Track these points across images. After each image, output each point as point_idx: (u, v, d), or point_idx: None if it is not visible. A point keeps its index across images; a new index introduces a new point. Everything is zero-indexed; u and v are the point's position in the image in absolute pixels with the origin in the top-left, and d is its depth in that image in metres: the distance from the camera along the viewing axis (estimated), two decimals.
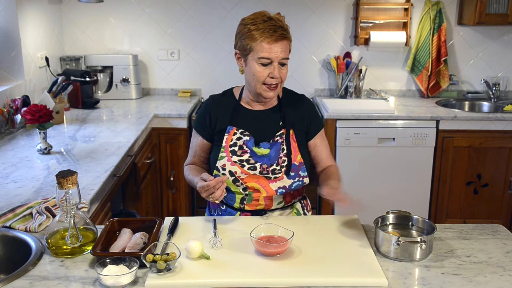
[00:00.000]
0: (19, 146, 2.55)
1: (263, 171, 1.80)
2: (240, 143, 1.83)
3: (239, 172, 1.81)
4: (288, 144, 1.83)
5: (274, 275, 1.37)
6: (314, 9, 3.83)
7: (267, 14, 1.77)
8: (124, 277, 1.31)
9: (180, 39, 3.91)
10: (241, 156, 1.82)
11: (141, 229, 1.59)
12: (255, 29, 1.73)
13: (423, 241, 1.43)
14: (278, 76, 1.76)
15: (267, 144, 1.83)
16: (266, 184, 1.82)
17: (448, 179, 3.50)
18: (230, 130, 1.85)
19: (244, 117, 1.87)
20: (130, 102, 3.74)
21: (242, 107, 1.89)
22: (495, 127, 3.41)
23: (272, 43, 1.72)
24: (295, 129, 1.87)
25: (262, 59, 1.74)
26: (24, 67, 3.12)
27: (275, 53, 1.73)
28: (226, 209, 1.90)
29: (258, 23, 1.73)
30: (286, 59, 1.76)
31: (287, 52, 1.76)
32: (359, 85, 3.85)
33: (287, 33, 1.76)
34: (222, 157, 1.82)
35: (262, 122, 1.87)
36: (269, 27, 1.72)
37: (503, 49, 3.91)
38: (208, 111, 1.91)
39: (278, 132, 1.85)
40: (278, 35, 1.72)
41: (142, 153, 2.95)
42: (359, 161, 3.45)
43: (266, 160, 1.81)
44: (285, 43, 1.75)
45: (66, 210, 1.47)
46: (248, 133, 1.84)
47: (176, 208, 3.52)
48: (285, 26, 1.77)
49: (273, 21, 1.74)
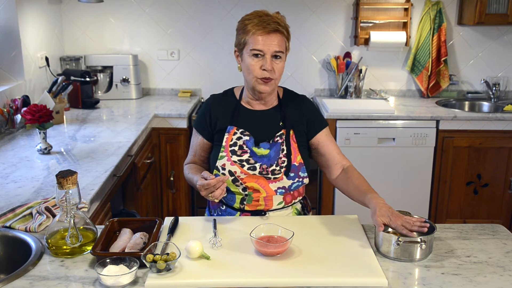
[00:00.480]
0: (19, 146, 2.55)
1: (262, 171, 1.80)
2: (240, 143, 1.83)
3: (238, 172, 1.80)
4: (288, 145, 1.83)
5: (274, 275, 1.37)
6: (314, 9, 3.83)
7: (265, 12, 1.78)
8: (124, 277, 1.31)
9: (180, 39, 3.91)
10: (241, 156, 1.81)
11: (141, 229, 1.59)
12: (250, 23, 1.75)
13: (423, 241, 1.43)
14: (271, 69, 1.75)
15: (267, 144, 1.83)
16: (265, 184, 1.82)
17: (448, 179, 3.50)
18: (230, 130, 1.84)
19: (244, 117, 1.87)
20: (130, 102, 3.74)
21: (242, 106, 1.89)
22: (495, 127, 3.41)
23: (265, 35, 1.72)
24: (295, 129, 1.87)
25: (254, 51, 1.74)
26: (24, 67, 3.12)
27: (267, 45, 1.73)
28: (226, 209, 1.90)
29: (253, 18, 1.76)
30: (280, 53, 1.75)
31: (282, 46, 1.75)
32: (359, 85, 3.85)
33: (283, 28, 1.75)
34: (222, 157, 1.82)
35: (262, 122, 1.87)
36: (263, 20, 1.73)
37: (503, 49, 3.91)
38: (208, 111, 1.91)
39: (278, 132, 1.85)
40: (271, 28, 1.72)
41: (142, 153, 2.95)
42: (359, 161, 3.44)
43: (265, 160, 1.81)
44: (279, 36, 1.74)
45: (66, 210, 1.47)
46: (248, 133, 1.84)
47: (176, 208, 3.52)
48: (283, 23, 1.77)
49: (269, 16, 1.75)
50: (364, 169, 3.46)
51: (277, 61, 1.76)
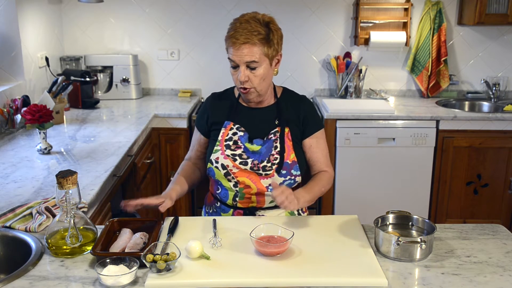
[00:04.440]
0: (19, 146, 2.55)
1: (253, 167, 1.83)
2: (235, 138, 1.87)
3: (230, 166, 1.84)
4: (282, 142, 1.85)
5: (274, 275, 1.37)
6: (314, 9, 3.83)
7: (246, 18, 1.76)
8: (124, 277, 1.31)
9: (180, 39, 3.91)
10: (234, 150, 1.85)
11: (141, 229, 1.59)
12: (228, 32, 1.77)
13: (423, 241, 1.43)
14: (245, 79, 1.77)
15: (260, 141, 1.86)
16: (257, 180, 1.84)
17: (448, 179, 3.50)
18: (227, 125, 1.89)
19: (241, 113, 1.92)
20: (130, 102, 3.74)
21: (240, 104, 1.94)
22: (495, 127, 3.41)
23: (238, 46, 1.74)
24: (291, 127, 1.88)
25: (230, 62, 1.79)
26: (24, 67, 3.12)
27: (239, 56, 1.75)
28: (220, 206, 1.93)
29: (231, 28, 1.77)
30: (253, 63, 1.75)
31: (255, 56, 1.73)
32: (359, 85, 3.85)
33: (256, 37, 1.72)
34: (217, 151, 1.87)
35: (258, 119, 1.90)
36: (237, 31, 1.73)
37: (503, 49, 3.91)
38: (208, 108, 1.97)
39: (273, 130, 1.87)
40: (241, 41, 1.72)
41: (142, 153, 2.95)
42: (359, 161, 3.45)
43: (257, 156, 1.84)
44: (251, 47, 1.73)
45: (66, 210, 1.47)
46: (244, 129, 1.88)
47: (176, 208, 3.51)
48: (261, 30, 1.74)
49: (247, 24, 1.73)
50: (364, 169, 3.49)
51: (253, 71, 1.77)
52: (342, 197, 3.51)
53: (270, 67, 1.81)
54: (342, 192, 3.49)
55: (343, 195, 3.50)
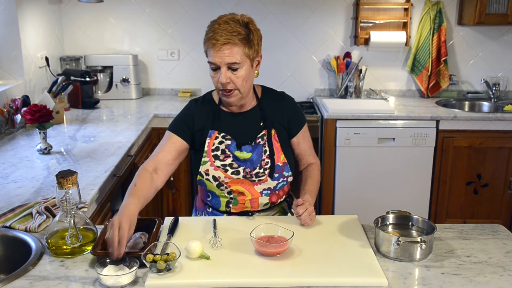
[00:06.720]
0: (19, 146, 2.55)
1: (246, 175, 1.80)
2: (222, 147, 1.82)
3: (222, 177, 1.80)
4: (270, 145, 1.83)
5: (274, 275, 1.37)
6: (314, 9, 3.83)
7: (225, 19, 1.74)
8: (124, 277, 1.31)
9: (180, 39, 3.91)
10: (223, 160, 1.81)
11: (141, 229, 1.58)
12: (206, 35, 1.74)
13: (423, 241, 1.43)
14: (227, 81, 1.72)
15: (249, 147, 1.82)
16: (250, 187, 1.82)
17: (448, 179, 3.50)
18: (212, 134, 1.83)
19: (224, 120, 1.86)
20: (130, 102, 3.74)
21: (222, 110, 1.88)
22: (495, 127, 3.41)
23: (218, 47, 1.69)
24: (277, 128, 1.86)
25: (210, 64, 1.75)
26: (24, 67, 3.12)
27: (219, 57, 1.70)
28: (212, 212, 1.90)
29: (209, 30, 1.73)
30: (234, 64, 1.71)
31: (236, 57, 1.70)
32: (359, 85, 3.85)
33: (237, 37, 1.69)
34: (205, 162, 1.82)
35: (243, 124, 1.85)
36: (216, 32, 1.70)
37: (503, 49, 3.91)
38: (188, 114, 1.88)
39: (259, 133, 1.84)
40: (221, 42, 1.69)
41: (142, 153, 2.95)
42: (359, 161, 3.45)
43: (248, 164, 1.81)
44: (232, 47, 1.70)
45: (66, 210, 1.47)
46: (230, 136, 1.83)
47: (176, 208, 3.52)
48: (241, 30, 1.71)
49: (226, 25, 1.71)
50: (364, 169, 3.49)
51: (235, 73, 1.73)
52: (342, 197, 3.50)
53: (251, 68, 1.76)
54: (342, 192, 3.49)
55: (343, 195, 3.50)
